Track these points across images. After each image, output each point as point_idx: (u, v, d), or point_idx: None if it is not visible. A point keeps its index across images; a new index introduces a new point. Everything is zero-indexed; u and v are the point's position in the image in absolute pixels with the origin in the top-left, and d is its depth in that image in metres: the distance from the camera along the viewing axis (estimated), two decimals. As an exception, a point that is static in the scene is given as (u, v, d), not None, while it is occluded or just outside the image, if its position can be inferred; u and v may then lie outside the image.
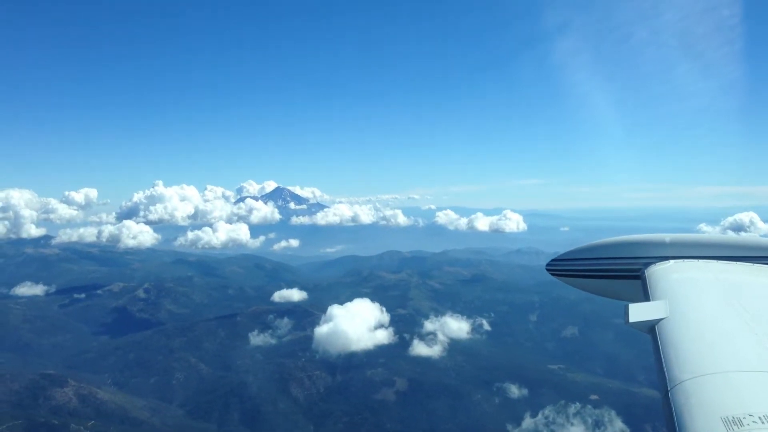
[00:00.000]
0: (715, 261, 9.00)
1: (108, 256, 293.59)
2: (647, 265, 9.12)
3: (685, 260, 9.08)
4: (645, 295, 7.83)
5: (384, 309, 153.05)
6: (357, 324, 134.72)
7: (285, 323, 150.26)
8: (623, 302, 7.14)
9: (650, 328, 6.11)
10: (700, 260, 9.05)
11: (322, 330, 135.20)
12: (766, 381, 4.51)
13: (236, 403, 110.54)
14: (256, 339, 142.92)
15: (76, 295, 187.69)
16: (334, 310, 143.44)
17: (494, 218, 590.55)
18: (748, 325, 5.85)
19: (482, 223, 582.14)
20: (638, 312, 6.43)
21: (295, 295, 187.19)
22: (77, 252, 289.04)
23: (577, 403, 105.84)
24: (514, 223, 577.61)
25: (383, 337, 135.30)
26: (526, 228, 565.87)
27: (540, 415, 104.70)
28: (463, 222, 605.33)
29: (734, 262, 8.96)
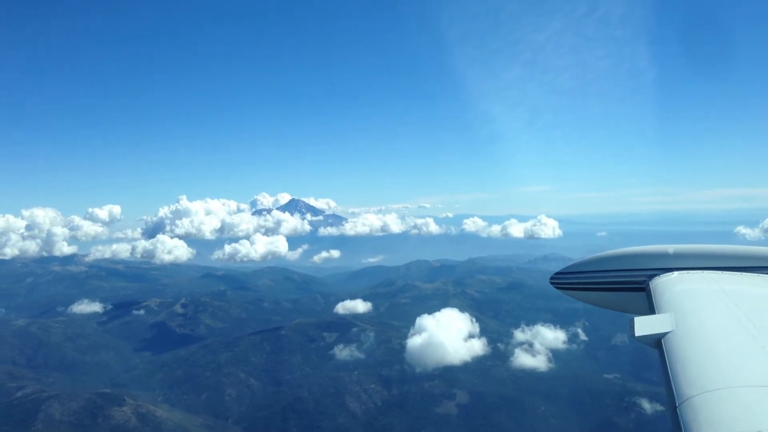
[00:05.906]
0: (720, 272, 8.80)
1: (134, 272, 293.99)
2: (652, 276, 9.04)
3: (690, 271, 8.94)
4: (650, 308, 7.74)
5: (473, 319, 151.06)
6: (452, 334, 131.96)
7: (330, 336, 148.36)
8: (630, 315, 6.96)
9: (656, 341, 5.92)
10: (705, 271, 8.88)
11: (414, 342, 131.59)
12: None
13: (294, 418, 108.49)
14: (301, 352, 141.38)
15: (113, 312, 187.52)
16: (424, 320, 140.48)
17: (529, 224, 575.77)
18: (756, 338, 5.65)
19: (516, 230, 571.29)
20: (644, 325, 6.29)
21: (360, 306, 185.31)
22: (105, 269, 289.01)
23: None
24: (550, 228, 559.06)
25: (478, 347, 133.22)
26: (561, 234, 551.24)
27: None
28: (496, 229, 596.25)
29: (739, 273, 8.79)
